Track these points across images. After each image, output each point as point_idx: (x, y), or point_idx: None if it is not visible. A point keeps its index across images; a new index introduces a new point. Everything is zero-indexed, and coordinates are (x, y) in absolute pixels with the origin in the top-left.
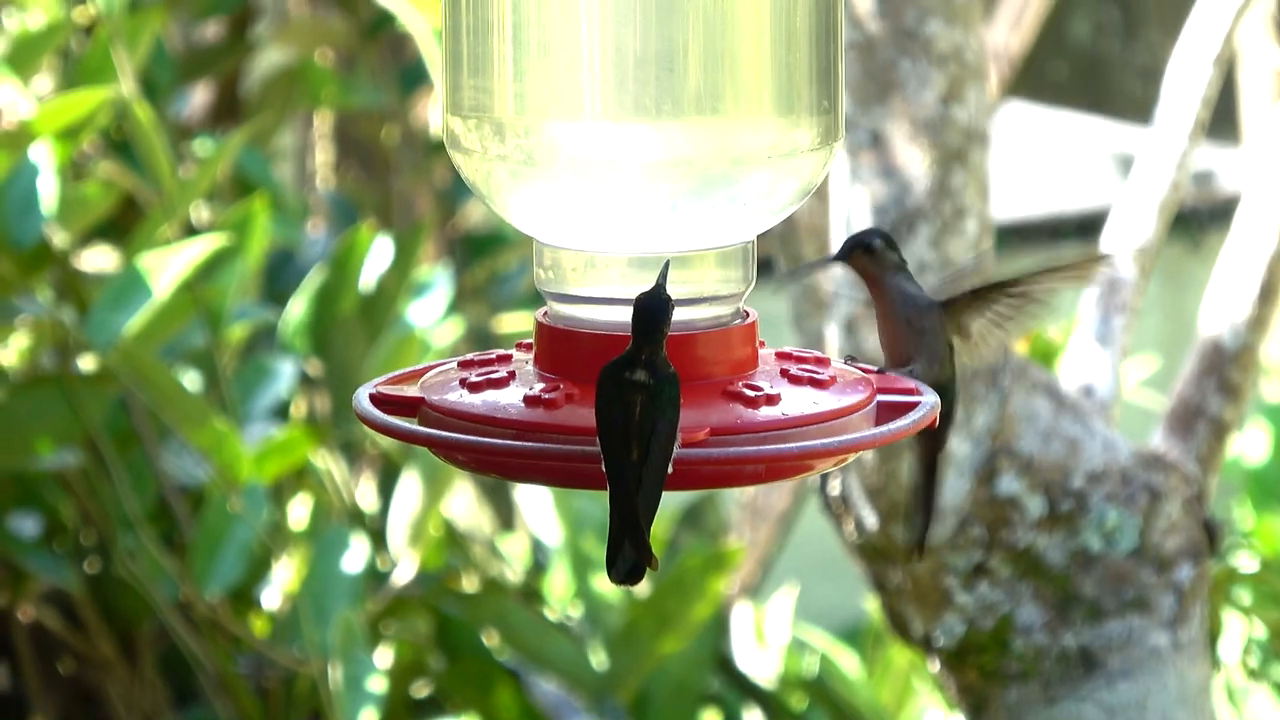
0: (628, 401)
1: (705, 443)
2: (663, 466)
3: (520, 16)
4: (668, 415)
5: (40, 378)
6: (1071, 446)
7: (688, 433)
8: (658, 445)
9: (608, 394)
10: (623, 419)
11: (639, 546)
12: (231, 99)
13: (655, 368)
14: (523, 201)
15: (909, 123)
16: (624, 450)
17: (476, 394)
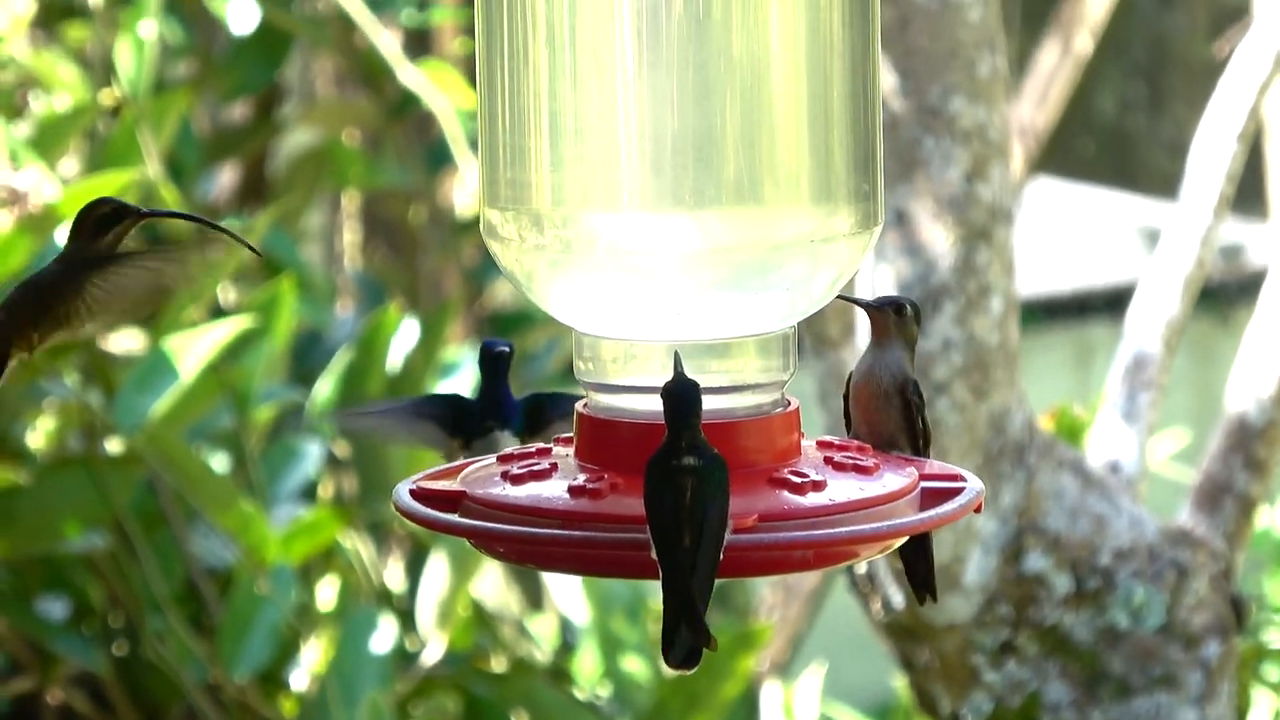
0: (678, 487)
1: (755, 528)
2: (716, 551)
3: (556, 106)
4: (718, 499)
5: (67, 460)
6: (1098, 523)
7: (737, 518)
8: (710, 530)
9: (657, 481)
10: (674, 505)
11: (696, 631)
12: (258, 179)
13: (701, 452)
14: (561, 291)
15: (933, 200)
16: (677, 536)
17: (519, 486)
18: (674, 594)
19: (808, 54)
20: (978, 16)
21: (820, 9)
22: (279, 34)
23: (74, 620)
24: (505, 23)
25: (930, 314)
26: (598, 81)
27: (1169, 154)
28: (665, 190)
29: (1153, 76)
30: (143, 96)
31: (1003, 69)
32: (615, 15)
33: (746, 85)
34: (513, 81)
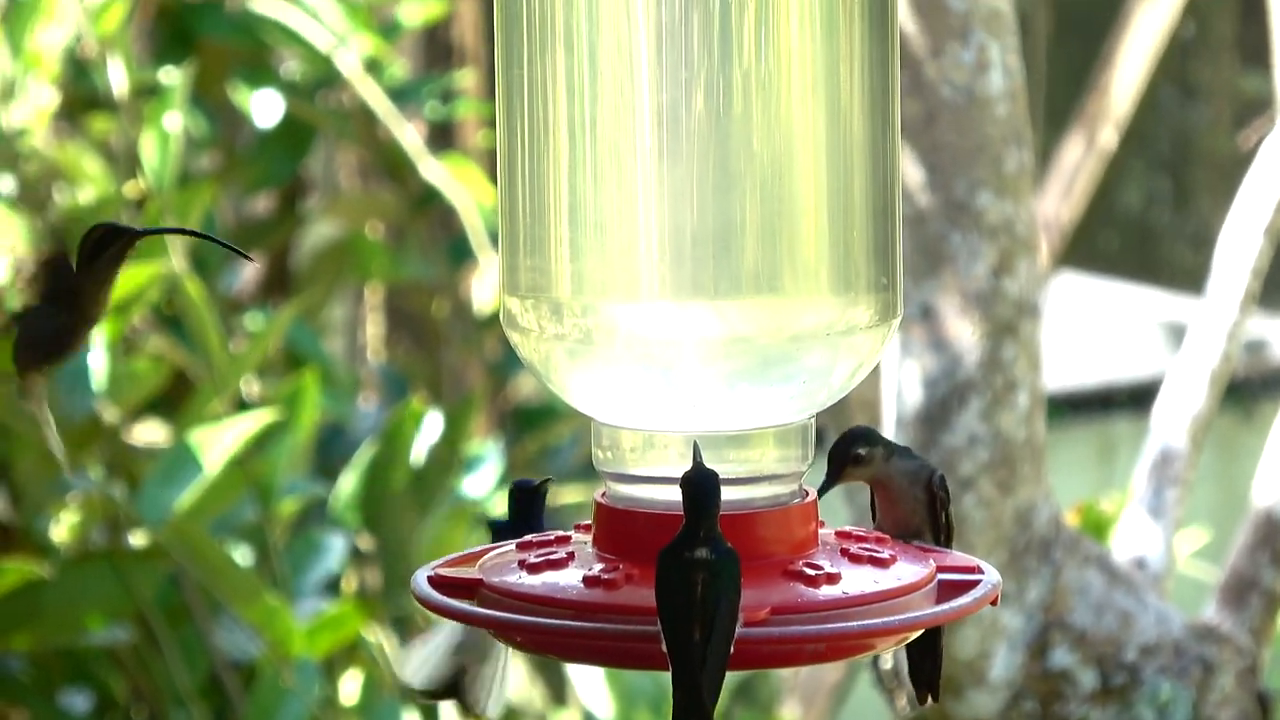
0: (690, 580)
1: (766, 621)
2: (726, 645)
3: (576, 197)
4: (730, 594)
5: (91, 553)
6: (1124, 619)
7: (749, 611)
8: (721, 624)
9: (668, 573)
10: (685, 598)
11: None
12: (282, 272)
13: (715, 545)
14: (580, 380)
15: (960, 295)
16: (687, 629)
17: (535, 575)
18: (683, 688)
19: (828, 147)
20: (1005, 111)
21: (840, 103)
22: (303, 127)
23: (97, 714)
24: (526, 114)
25: (956, 409)
26: (617, 173)
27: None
28: (685, 280)
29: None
30: (167, 189)
31: (1029, 164)
32: (636, 110)
33: (766, 178)
34: (533, 172)
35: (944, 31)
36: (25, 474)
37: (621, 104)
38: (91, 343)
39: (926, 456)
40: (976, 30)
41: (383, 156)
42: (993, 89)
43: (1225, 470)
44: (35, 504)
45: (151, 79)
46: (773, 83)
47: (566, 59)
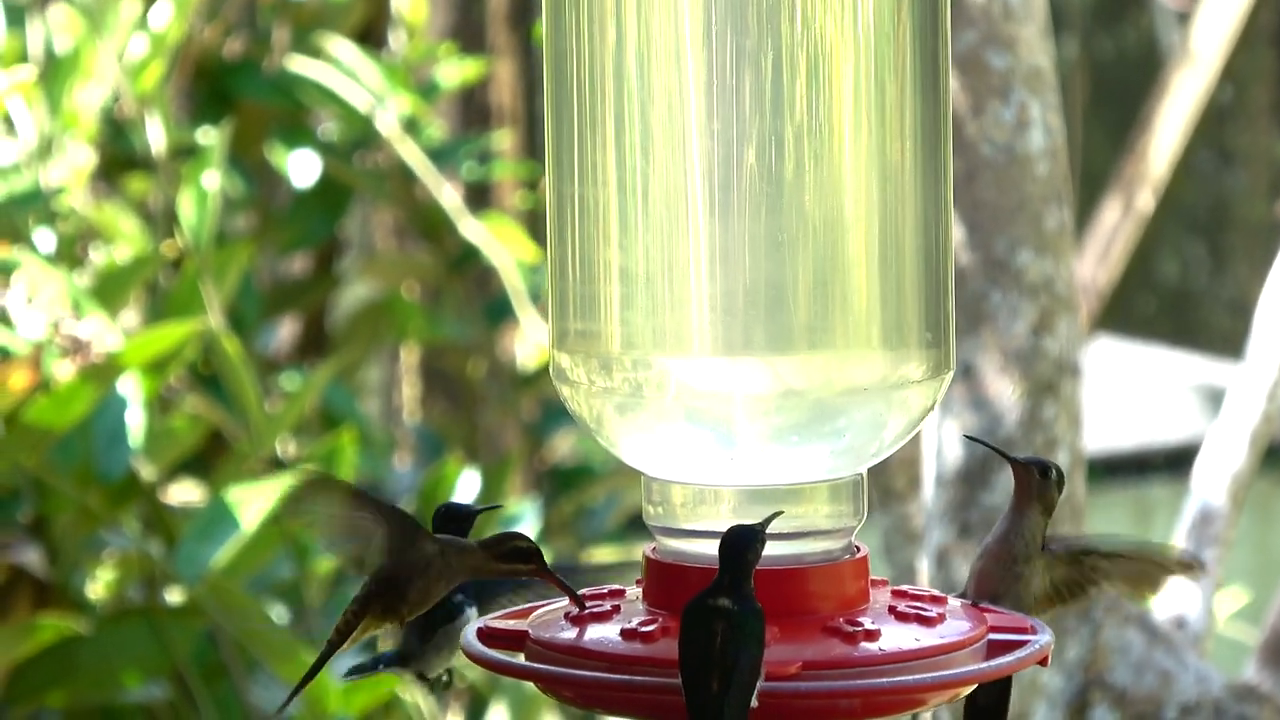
0: (710, 632)
1: (796, 677)
2: (744, 700)
3: (627, 253)
4: (750, 648)
5: (127, 610)
6: (1164, 678)
7: (780, 666)
8: (739, 677)
9: (690, 623)
10: (704, 649)
11: None
12: (318, 333)
13: (741, 599)
14: (630, 434)
15: (1000, 354)
16: (705, 681)
17: (578, 627)
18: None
19: (879, 202)
20: (1045, 170)
21: (891, 159)
22: (339, 187)
23: None
24: (576, 169)
25: (996, 468)
26: (668, 229)
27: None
28: (736, 335)
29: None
30: (205, 248)
31: (1069, 222)
32: (687, 167)
33: (818, 234)
34: (583, 226)
35: (985, 89)
36: (62, 530)
37: (672, 161)
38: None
39: (966, 515)
40: (1017, 88)
41: (419, 217)
42: (1033, 147)
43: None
44: (72, 560)
45: (189, 139)
46: (824, 140)
47: (617, 117)
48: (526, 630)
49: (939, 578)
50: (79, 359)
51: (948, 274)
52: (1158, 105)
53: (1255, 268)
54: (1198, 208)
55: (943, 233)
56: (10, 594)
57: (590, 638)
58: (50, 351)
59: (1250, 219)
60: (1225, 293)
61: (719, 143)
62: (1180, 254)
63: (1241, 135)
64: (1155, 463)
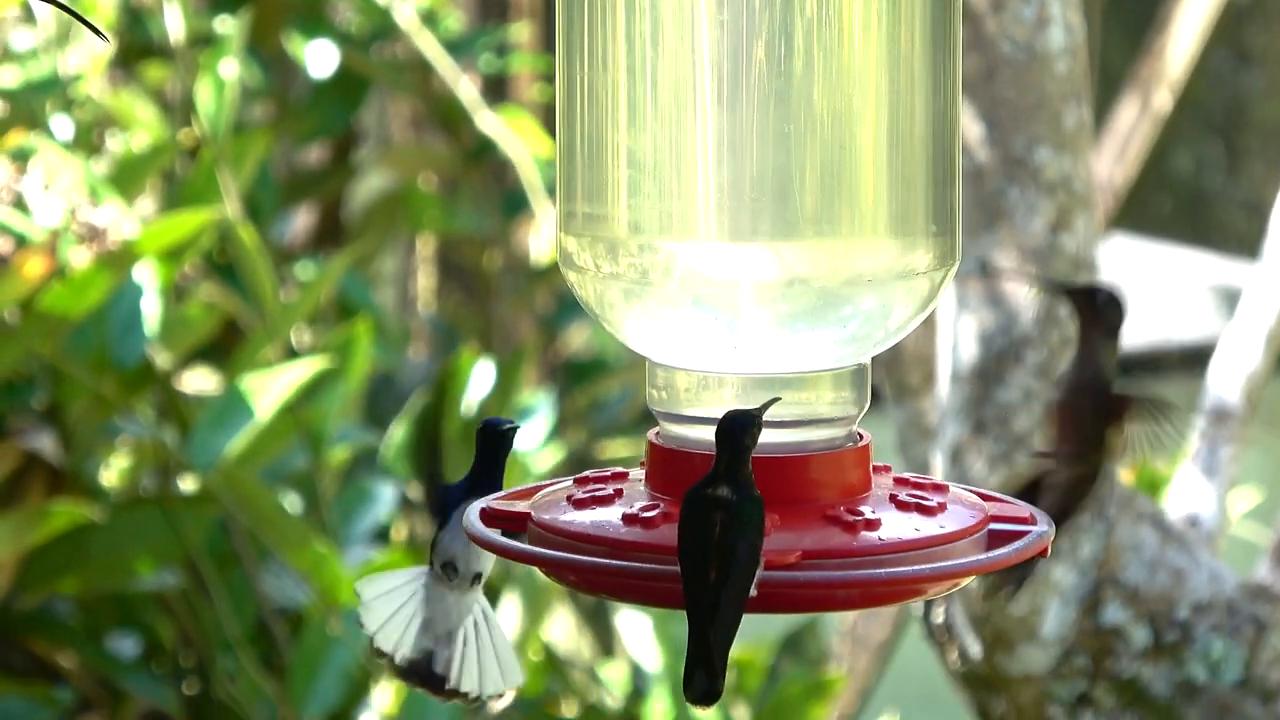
0: (709, 520)
1: (795, 566)
2: (742, 589)
3: (634, 139)
4: (748, 537)
5: (141, 498)
6: (1177, 577)
7: (779, 555)
8: (737, 567)
9: (689, 512)
10: (702, 538)
11: (709, 670)
12: (334, 223)
13: (739, 487)
14: (636, 320)
15: (1017, 251)
16: (702, 570)
17: (580, 511)
18: (695, 630)
19: (888, 91)
20: (1064, 68)
21: (901, 47)
22: (357, 78)
23: (145, 658)
24: (585, 56)
25: (1012, 365)
26: (676, 116)
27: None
28: (743, 221)
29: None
30: (222, 136)
31: (1088, 120)
32: (696, 55)
33: (826, 122)
34: (591, 111)
35: None
36: (76, 417)
37: (681, 49)
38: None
39: (980, 411)
40: None
41: (437, 109)
42: (1053, 45)
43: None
44: (85, 447)
45: (207, 28)
46: (833, 31)
47: (627, 5)
48: (529, 512)
49: (953, 472)
50: (95, 246)
51: (955, 164)
52: (1175, 5)
53: (1271, 168)
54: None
55: (950, 124)
56: (24, 480)
57: (591, 521)
58: (66, 238)
59: (1266, 120)
60: (1240, 193)
61: (728, 33)
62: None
63: (1259, 36)
64: (1170, 361)
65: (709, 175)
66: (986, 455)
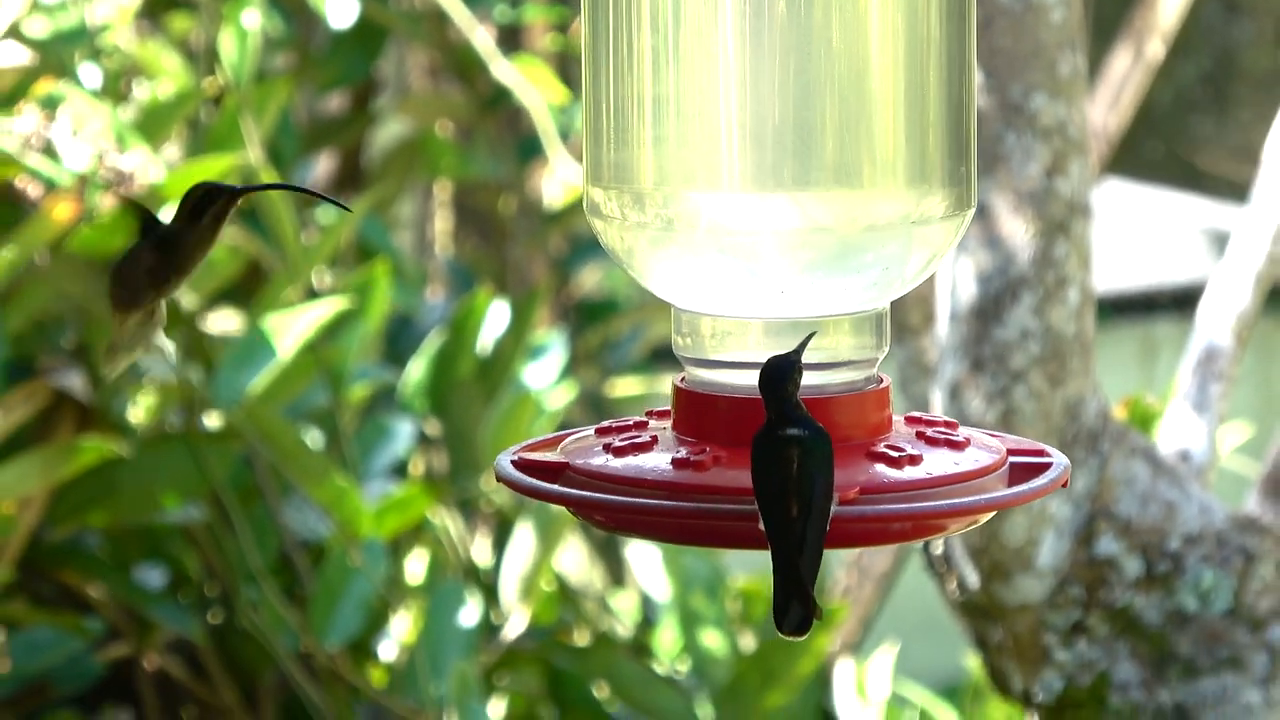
0: (785, 457)
1: (856, 501)
2: (823, 521)
3: (660, 90)
4: (824, 472)
5: (167, 435)
6: (1169, 510)
7: (840, 491)
8: (817, 502)
9: (764, 453)
10: (781, 475)
11: (804, 600)
12: (354, 168)
13: (806, 425)
14: (661, 268)
15: (1014, 194)
16: (784, 507)
17: (622, 458)
18: (783, 564)
19: (906, 42)
20: (1060, 18)
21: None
22: (376, 28)
23: (171, 589)
24: (610, 7)
25: (1009, 304)
26: (700, 67)
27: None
28: (765, 171)
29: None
30: (245, 85)
31: (1083, 69)
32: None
33: (846, 72)
34: (617, 65)
35: None
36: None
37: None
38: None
39: (979, 350)
40: None
41: (453, 58)
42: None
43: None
44: (114, 386)
45: None
46: None
47: None
48: (565, 461)
49: (951, 408)
50: (122, 190)
51: (971, 113)
52: None
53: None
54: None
55: (967, 73)
56: (54, 417)
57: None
58: (94, 183)
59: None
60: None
61: None
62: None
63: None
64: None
65: (732, 126)
66: (984, 392)
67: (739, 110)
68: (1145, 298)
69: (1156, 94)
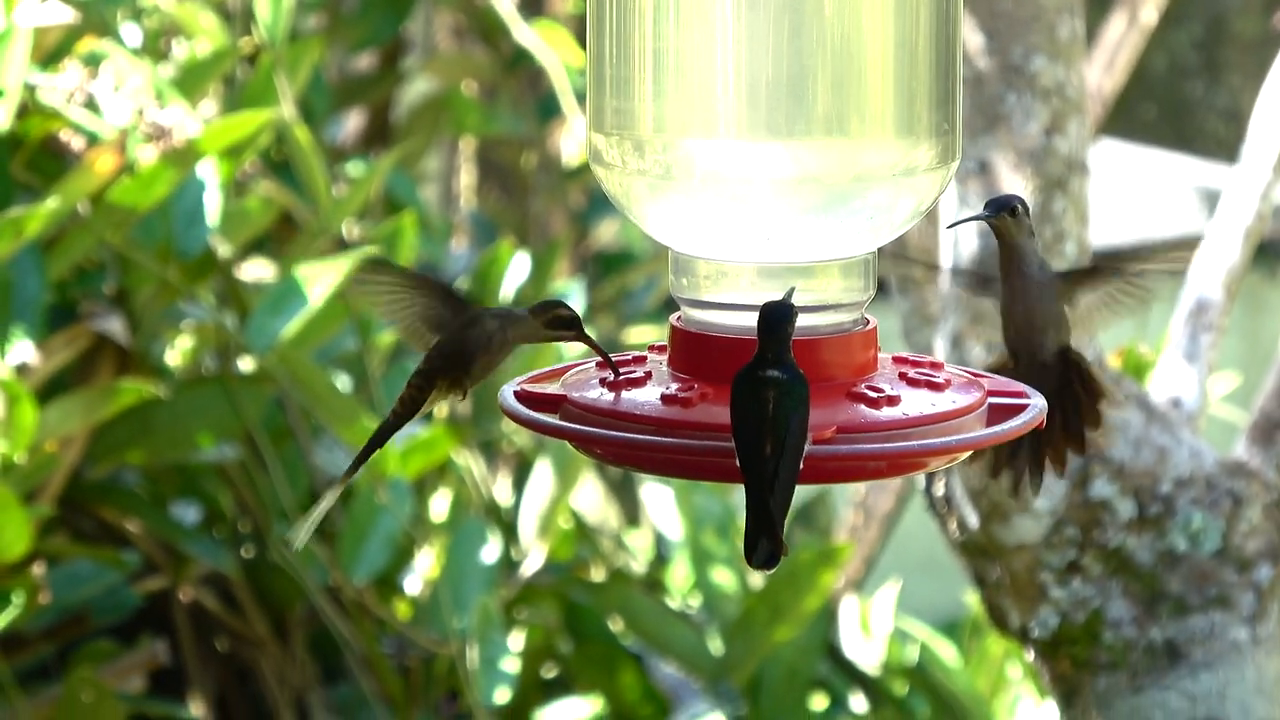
0: (762, 398)
1: (832, 440)
2: (796, 460)
3: (660, 43)
4: (799, 412)
5: (203, 377)
6: (1160, 454)
7: (817, 430)
8: (791, 440)
9: (742, 391)
10: (757, 414)
11: (772, 537)
12: (382, 125)
13: (786, 368)
14: (660, 213)
15: (1014, 152)
16: (759, 444)
17: (616, 392)
18: (755, 500)
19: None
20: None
21: None
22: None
23: (205, 525)
24: None
25: None
26: (698, 19)
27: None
28: (759, 121)
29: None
30: (279, 44)
31: (1081, 32)
32: None
33: (838, 25)
34: (620, 16)
35: None
36: (143, 302)
37: None
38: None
39: (979, 302)
40: None
41: (477, 20)
42: None
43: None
44: (152, 330)
45: None
46: None
47: None
48: (564, 394)
49: (953, 357)
50: (161, 144)
51: (956, 68)
52: None
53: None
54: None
55: (954, 29)
56: (94, 360)
57: (631, 401)
58: (135, 137)
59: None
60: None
61: None
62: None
63: None
64: None
65: (728, 77)
66: (984, 341)
67: (735, 62)
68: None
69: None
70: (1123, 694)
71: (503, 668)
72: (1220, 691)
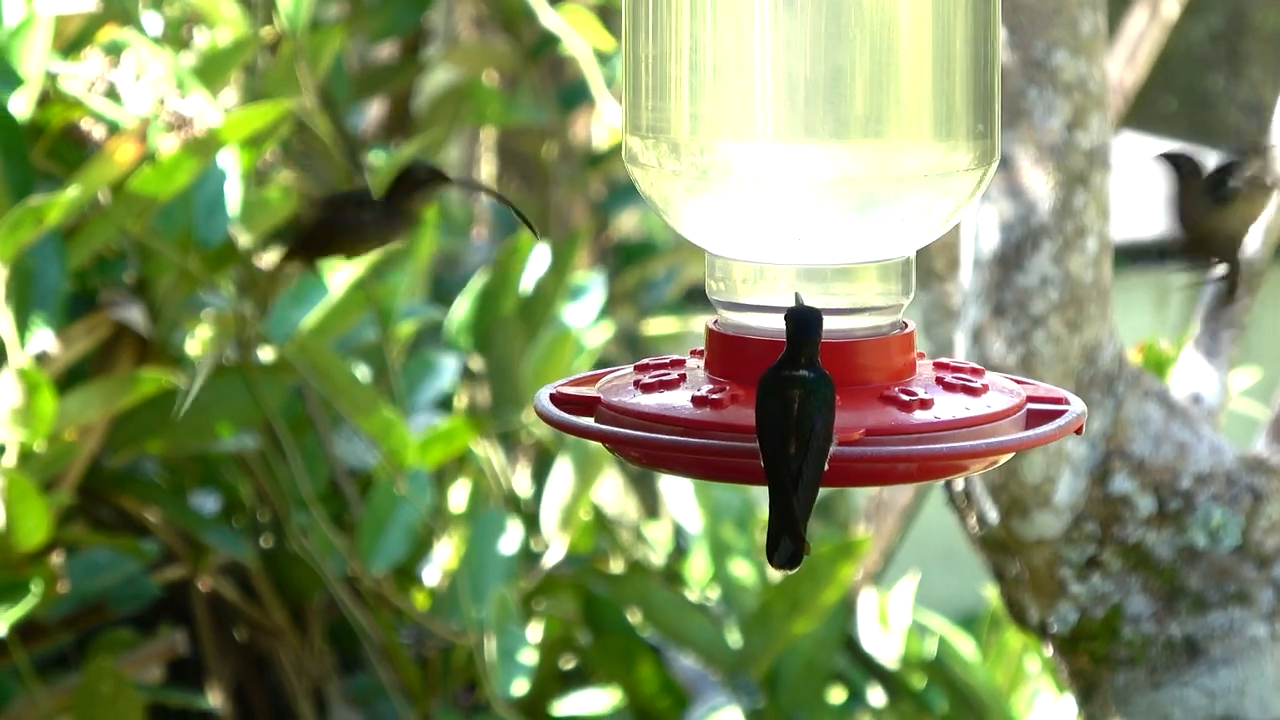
0: (786, 399)
1: (861, 442)
2: (820, 461)
3: (696, 44)
4: (824, 414)
5: (223, 367)
6: (1180, 450)
7: (845, 432)
8: (815, 441)
9: (767, 392)
10: (781, 416)
11: (795, 536)
12: (403, 114)
13: (812, 369)
14: (696, 215)
15: (1035, 147)
16: (783, 445)
17: (649, 395)
18: (778, 500)
19: None
20: None
21: None
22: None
23: (225, 514)
24: None
25: (1030, 252)
26: (735, 21)
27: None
28: (797, 123)
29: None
30: (300, 33)
31: (1103, 26)
32: None
33: (875, 27)
34: (656, 19)
35: None
36: (163, 291)
37: None
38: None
39: (1000, 295)
40: None
41: (499, 10)
42: None
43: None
44: (172, 319)
45: None
46: None
47: None
48: (598, 396)
49: (974, 351)
50: (182, 133)
51: (996, 70)
52: None
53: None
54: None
55: (992, 30)
56: (115, 349)
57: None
58: (156, 126)
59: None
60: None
61: None
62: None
63: None
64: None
65: (765, 79)
66: (1005, 336)
67: (772, 64)
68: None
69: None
70: (1141, 690)
71: (521, 659)
72: (1239, 688)
